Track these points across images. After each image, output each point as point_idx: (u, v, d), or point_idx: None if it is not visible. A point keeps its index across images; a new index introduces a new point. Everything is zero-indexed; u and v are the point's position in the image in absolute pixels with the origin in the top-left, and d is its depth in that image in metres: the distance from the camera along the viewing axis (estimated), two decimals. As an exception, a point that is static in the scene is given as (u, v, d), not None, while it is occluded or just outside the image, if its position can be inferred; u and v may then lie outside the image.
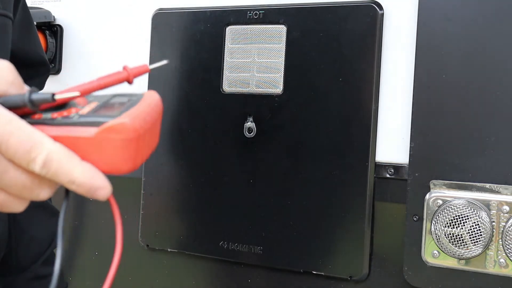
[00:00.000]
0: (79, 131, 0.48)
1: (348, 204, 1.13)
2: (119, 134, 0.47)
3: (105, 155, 0.48)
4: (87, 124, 0.48)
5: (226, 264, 1.26)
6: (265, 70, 1.21)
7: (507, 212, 1.00)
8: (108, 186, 0.49)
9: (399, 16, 1.12)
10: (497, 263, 1.01)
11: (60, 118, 0.49)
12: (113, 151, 0.48)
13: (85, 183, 0.48)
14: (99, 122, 0.48)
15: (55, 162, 0.47)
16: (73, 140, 0.48)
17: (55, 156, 0.47)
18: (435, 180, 1.05)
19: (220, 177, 1.25)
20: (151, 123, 0.51)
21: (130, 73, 0.52)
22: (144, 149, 0.51)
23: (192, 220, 1.29)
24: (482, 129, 1.02)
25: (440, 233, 1.03)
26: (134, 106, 0.50)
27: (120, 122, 0.47)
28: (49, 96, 0.49)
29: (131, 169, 0.50)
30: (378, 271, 1.13)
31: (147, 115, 0.50)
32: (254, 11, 1.22)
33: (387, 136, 1.12)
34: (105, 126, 0.47)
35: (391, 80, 1.12)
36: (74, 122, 0.49)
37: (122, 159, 0.48)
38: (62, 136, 0.48)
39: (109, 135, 0.48)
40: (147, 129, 0.50)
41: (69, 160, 0.48)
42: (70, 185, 0.48)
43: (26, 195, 0.49)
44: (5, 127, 0.47)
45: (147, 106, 0.51)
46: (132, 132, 0.48)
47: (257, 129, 1.21)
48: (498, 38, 1.02)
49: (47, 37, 1.43)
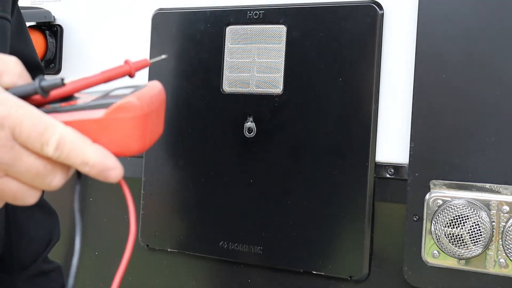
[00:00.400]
0: (89, 114, 0.49)
1: (348, 204, 1.13)
2: (128, 113, 0.49)
3: (114, 136, 0.49)
4: (95, 107, 0.50)
5: (226, 264, 1.26)
6: (265, 70, 1.21)
7: (507, 212, 1.00)
8: (120, 167, 0.50)
9: (399, 16, 1.12)
10: (497, 263, 1.01)
11: (68, 106, 0.51)
12: (122, 131, 0.49)
13: (98, 163, 0.49)
14: (107, 103, 0.49)
15: (68, 144, 0.48)
16: (83, 123, 0.49)
17: (68, 137, 0.48)
18: (435, 180, 1.05)
19: (220, 177, 1.25)
20: (157, 105, 0.52)
21: (132, 67, 0.54)
22: (151, 131, 0.52)
23: (192, 220, 1.29)
24: (482, 129, 1.02)
25: (440, 233, 1.03)
26: (139, 90, 0.51)
27: (128, 101, 0.49)
28: (59, 81, 0.50)
29: (141, 150, 0.51)
30: (378, 271, 1.13)
31: (153, 97, 0.52)
32: (254, 11, 1.22)
33: (387, 136, 1.12)
34: (114, 106, 0.49)
35: (391, 80, 1.12)
36: (83, 106, 0.50)
37: (131, 139, 0.49)
38: (72, 120, 0.50)
39: (118, 115, 0.49)
40: (154, 109, 0.51)
41: (81, 141, 0.49)
42: (83, 166, 0.49)
43: (39, 183, 0.50)
44: (17, 111, 0.47)
45: (151, 90, 0.52)
46: (140, 110, 0.49)
47: (257, 129, 1.21)
48: (498, 38, 1.02)
49: (47, 37, 1.43)
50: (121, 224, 1.36)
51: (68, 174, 0.51)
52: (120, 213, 1.37)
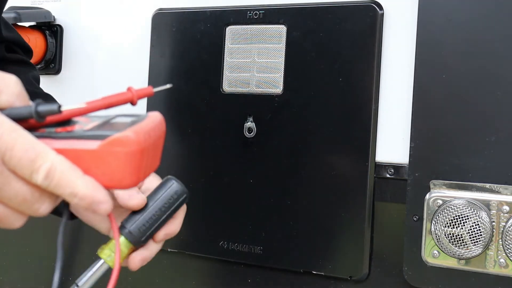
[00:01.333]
0: (83, 144, 0.48)
1: (348, 204, 1.13)
2: (123, 147, 0.47)
3: (107, 169, 0.48)
4: (91, 137, 0.48)
5: (226, 264, 1.26)
6: (265, 70, 1.21)
7: (507, 212, 1.00)
8: (109, 201, 0.49)
9: (399, 16, 1.12)
10: (497, 263, 1.01)
11: (64, 132, 0.49)
12: (116, 165, 0.48)
13: (87, 196, 0.48)
14: (103, 135, 0.48)
15: (58, 173, 0.47)
16: (76, 153, 0.48)
17: (59, 167, 0.47)
18: (435, 180, 1.05)
19: (220, 177, 1.25)
20: (154, 139, 0.51)
21: (135, 95, 0.53)
22: (146, 166, 0.50)
23: (192, 220, 1.29)
24: (482, 129, 1.02)
25: (440, 233, 1.03)
26: (138, 123, 0.50)
27: (124, 135, 0.48)
28: (55, 108, 0.48)
29: (133, 184, 0.49)
30: (378, 271, 1.13)
31: (151, 131, 0.50)
32: (254, 11, 1.22)
33: (387, 136, 1.12)
34: (110, 139, 0.48)
35: (391, 80, 1.12)
36: (78, 135, 0.49)
37: (124, 174, 0.48)
38: (65, 148, 0.48)
39: (113, 148, 0.47)
40: (151, 144, 0.50)
41: (72, 172, 0.48)
42: (71, 198, 0.48)
43: (26, 209, 0.49)
44: (10, 134, 0.46)
45: (151, 123, 0.51)
46: (136, 145, 0.48)
47: (257, 129, 1.21)
48: (498, 38, 1.02)
49: (47, 37, 1.43)
50: (121, 224, 1.36)
51: (56, 202, 0.50)
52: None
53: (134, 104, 0.52)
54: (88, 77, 1.43)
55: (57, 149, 0.48)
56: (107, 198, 0.49)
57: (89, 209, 0.48)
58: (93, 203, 0.48)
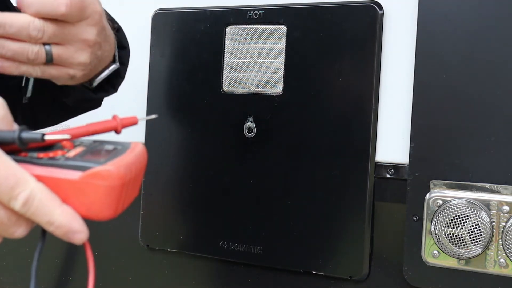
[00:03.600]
0: (64, 173, 0.48)
1: (348, 204, 1.13)
2: (104, 181, 0.48)
3: (86, 200, 0.48)
4: (72, 167, 0.48)
5: (226, 264, 1.26)
6: (265, 70, 1.21)
7: (507, 212, 1.00)
8: (85, 231, 0.49)
9: (399, 16, 1.12)
10: (497, 263, 1.01)
11: (46, 159, 0.49)
12: (95, 197, 0.48)
13: (64, 225, 0.48)
14: (85, 166, 0.48)
15: (37, 202, 0.47)
16: (57, 181, 0.48)
17: (38, 195, 0.47)
18: (435, 180, 1.05)
19: (220, 177, 1.25)
20: (135, 173, 0.51)
21: (119, 123, 0.53)
22: (125, 198, 0.51)
23: (192, 220, 1.29)
24: (482, 129, 1.02)
25: (440, 233, 1.03)
26: (121, 155, 0.50)
27: (106, 169, 0.48)
28: (38, 136, 0.49)
29: (110, 217, 0.50)
30: (378, 271, 1.13)
31: (133, 165, 0.50)
32: (254, 11, 1.22)
33: (387, 136, 1.12)
34: (91, 172, 0.48)
35: (391, 80, 1.12)
36: (60, 164, 0.49)
37: (103, 206, 0.49)
38: (46, 176, 0.48)
39: (93, 181, 0.48)
40: (131, 178, 0.50)
41: (50, 201, 0.48)
42: (48, 226, 0.48)
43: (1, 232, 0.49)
44: None
45: (133, 156, 0.51)
46: (117, 180, 0.48)
47: (257, 129, 1.21)
48: (498, 38, 1.02)
49: (47, 37, 1.43)
50: (121, 224, 1.36)
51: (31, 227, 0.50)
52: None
53: (118, 133, 0.53)
54: (88, 77, 1.43)
55: (37, 176, 0.48)
56: (83, 228, 0.49)
57: (64, 237, 0.49)
58: (69, 232, 0.49)
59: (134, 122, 0.55)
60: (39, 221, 0.48)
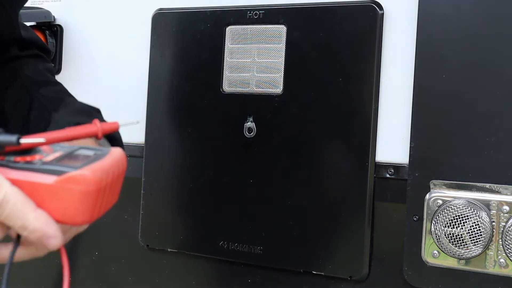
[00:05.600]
0: (39, 177, 0.48)
1: (348, 204, 1.13)
2: (79, 185, 0.47)
3: (61, 205, 0.48)
4: (48, 171, 0.48)
5: (226, 264, 1.26)
6: (265, 70, 1.21)
7: (507, 212, 1.00)
8: (59, 236, 0.49)
9: (399, 16, 1.12)
10: (497, 263, 1.01)
11: (22, 163, 0.49)
12: (70, 202, 0.48)
13: (37, 230, 0.48)
14: (60, 171, 0.48)
15: (10, 205, 0.47)
16: (32, 185, 0.48)
17: (11, 199, 0.47)
18: (435, 180, 1.05)
19: (220, 177, 1.25)
20: (112, 179, 0.51)
21: (100, 129, 0.53)
22: (102, 204, 0.50)
23: (192, 220, 1.29)
24: (482, 129, 1.02)
25: (440, 233, 1.03)
26: (98, 160, 0.50)
27: (81, 174, 0.47)
28: (14, 139, 0.48)
29: (85, 222, 0.50)
30: (378, 271, 1.13)
31: (110, 170, 0.50)
32: (254, 11, 1.22)
33: (387, 136, 1.12)
34: (66, 176, 0.47)
35: (391, 80, 1.12)
36: (36, 168, 0.48)
37: (78, 211, 0.48)
38: (21, 180, 0.48)
39: (68, 185, 0.47)
40: (108, 184, 0.50)
41: (24, 205, 0.47)
42: (21, 230, 0.48)
43: None
44: None
45: (111, 161, 0.51)
46: (92, 185, 0.48)
47: (257, 129, 1.21)
48: (498, 38, 1.02)
49: (47, 37, 1.43)
50: (121, 224, 1.36)
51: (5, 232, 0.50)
52: (120, 213, 1.37)
53: (99, 139, 0.53)
54: (88, 77, 1.43)
55: (12, 180, 0.48)
56: (58, 233, 0.49)
57: (38, 242, 0.48)
58: (43, 237, 0.48)
59: (115, 127, 0.54)
60: (13, 225, 0.48)
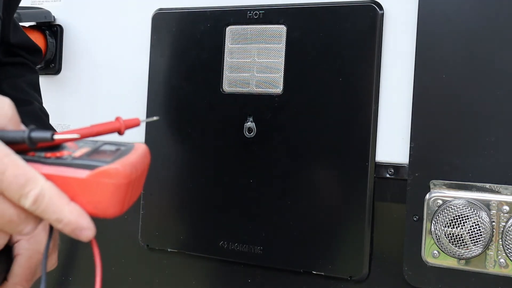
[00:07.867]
0: (72, 172, 0.50)
1: (348, 204, 1.13)
2: (112, 179, 0.49)
3: (93, 198, 0.50)
4: (80, 166, 0.50)
5: (226, 264, 1.26)
6: (265, 70, 1.21)
7: (507, 212, 1.00)
8: (92, 228, 0.50)
9: (399, 16, 1.12)
10: (497, 263, 1.01)
11: (53, 158, 0.51)
12: (103, 195, 0.50)
13: (72, 222, 0.49)
14: (92, 165, 0.50)
15: (46, 200, 0.48)
16: (65, 180, 0.50)
17: (47, 193, 0.48)
18: (435, 180, 1.05)
19: (220, 177, 1.25)
20: (140, 171, 0.53)
21: (122, 125, 0.54)
22: (130, 197, 0.52)
23: (192, 220, 1.29)
24: (482, 129, 1.02)
25: (440, 233, 1.03)
26: (126, 155, 0.52)
27: (113, 167, 0.49)
28: (48, 136, 0.50)
29: (116, 214, 0.51)
30: (378, 271, 1.13)
31: (138, 164, 0.52)
32: (254, 11, 1.22)
33: (387, 136, 1.12)
34: (99, 170, 0.49)
35: (391, 80, 1.12)
36: (68, 163, 0.50)
37: (109, 204, 0.50)
38: (54, 175, 0.50)
39: (101, 179, 0.49)
40: (137, 177, 0.52)
41: (59, 199, 0.49)
42: (56, 223, 0.49)
43: (10, 229, 0.50)
44: (2, 159, 0.48)
45: (137, 156, 0.53)
46: (124, 178, 0.50)
47: (257, 129, 1.21)
48: (498, 38, 1.02)
49: (47, 37, 1.43)
50: (121, 224, 1.36)
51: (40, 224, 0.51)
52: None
53: (121, 134, 0.54)
54: (88, 77, 1.43)
55: (46, 174, 0.49)
56: (91, 225, 0.50)
57: (72, 234, 0.50)
58: (76, 229, 0.50)
59: (137, 123, 0.56)
60: (48, 219, 0.49)
